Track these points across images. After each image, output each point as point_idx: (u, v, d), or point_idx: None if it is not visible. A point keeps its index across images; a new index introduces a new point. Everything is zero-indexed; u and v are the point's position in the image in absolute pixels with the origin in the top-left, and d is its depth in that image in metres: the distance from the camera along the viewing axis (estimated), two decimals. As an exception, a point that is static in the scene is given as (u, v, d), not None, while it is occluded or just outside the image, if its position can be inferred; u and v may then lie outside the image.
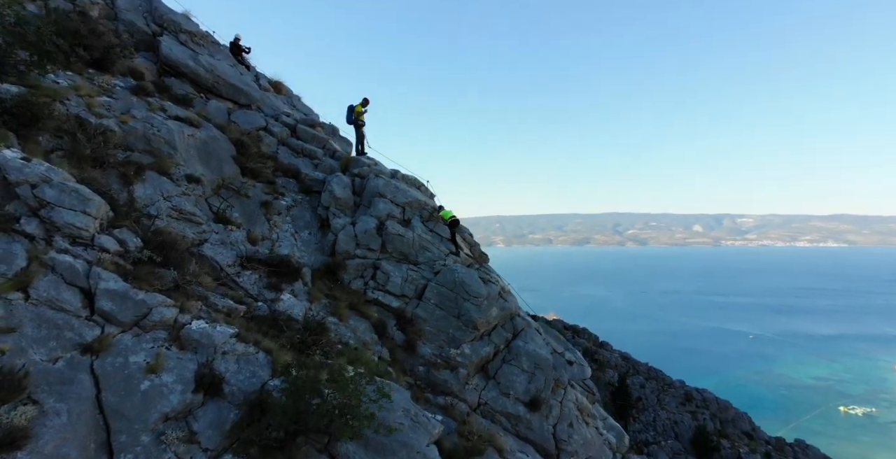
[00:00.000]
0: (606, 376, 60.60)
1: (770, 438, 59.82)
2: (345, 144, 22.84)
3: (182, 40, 16.41)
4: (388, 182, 14.28)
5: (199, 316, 7.74)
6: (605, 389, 60.49)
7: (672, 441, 56.97)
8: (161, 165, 10.31)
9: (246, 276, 10.06)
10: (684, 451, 55.90)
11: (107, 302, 6.94)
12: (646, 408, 58.27)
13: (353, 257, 12.37)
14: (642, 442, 55.56)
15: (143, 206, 9.42)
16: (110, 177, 9.36)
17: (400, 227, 13.10)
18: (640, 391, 60.40)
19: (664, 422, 57.48)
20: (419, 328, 11.74)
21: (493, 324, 12.52)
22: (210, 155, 11.81)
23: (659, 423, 57.38)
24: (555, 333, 16.07)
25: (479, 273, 13.79)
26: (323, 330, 9.50)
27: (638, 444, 55.24)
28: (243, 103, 16.69)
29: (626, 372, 62.07)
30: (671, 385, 62.07)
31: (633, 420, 56.98)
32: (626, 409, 56.36)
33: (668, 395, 60.27)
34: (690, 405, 59.82)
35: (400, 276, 12.30)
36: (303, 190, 13.91)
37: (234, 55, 19.81)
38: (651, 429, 57.28)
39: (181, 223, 9.81)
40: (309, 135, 16.90)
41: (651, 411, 58.19)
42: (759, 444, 58.18)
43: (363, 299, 11.68)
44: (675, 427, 57.48)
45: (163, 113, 11.44)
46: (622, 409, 57.18)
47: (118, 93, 11.21)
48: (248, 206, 11.88)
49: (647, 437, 56.29)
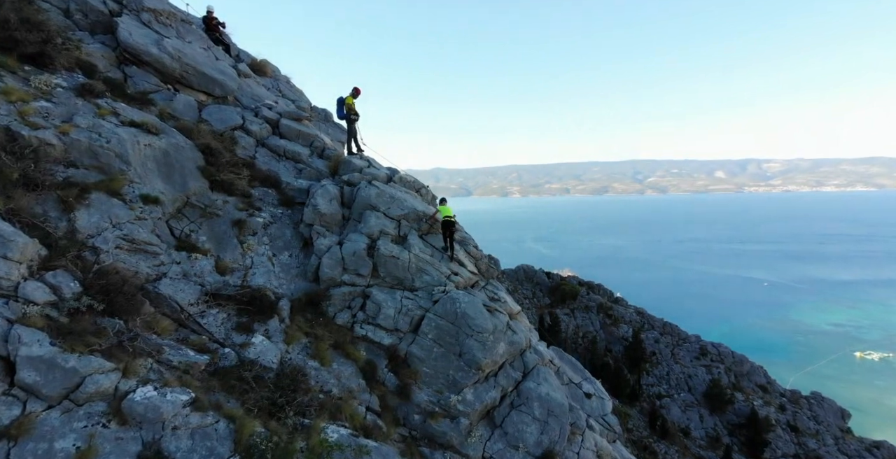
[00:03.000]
0: (620, 331, 60.44)
1: (785, 390, 59.85)
2: (339, 133, 20.56)
3: (145, 20, 14.48)
4: (381, 192, 12.60)
5: (146, 379, 6.57)
6: (618, 344, 60.65)
7: (685, 394, 57.34)
8: (110, 185, 8.86)
9: (212, 316, 8.72)
10: (697, 403, 56.39)
11: (29, 372, 5.82)
12: (659, 362, 58.32)
13: (339, 284, 10.92)
14: (655, 395, 56.09)
15: (87, 238, 8.05)
16: (46, 202, 7.97)
17: (394, 247, 11.53)
18: (654, 345, 60.30)
19: (678, 376, 57.59)
20: (415, 369, 10.30)
21: (499, 363, 11.03)
22: (172, 167, 10.29)
23: (672, 377, 57.54)
24: (571, 360, 14.76)
25: (485, 294, 12.35)
26: (301, 378, 8.24)
27: (650, 397, 55.88)
28: (217, 95, 14.85)
29: (640, 327, 61.70)
30: (686, 340, 61.77)
31: (646, 374, 57.24)
32: (639, 363, 56.39)
33: (682, 349, 60.05)
34: (705, 359, 59.63)
35: (393, 307, 10.79)
36: (283, 202, 12.35)
37: (208, 32, 17.85)
38: (664, 383, 57.57)
39: (134, 255, 8.48)
40: (293, 131, 15.07)
41: (665, 365, 58.26)
42: (773, 397, 58.23)
43: (350, 336, 10.26)
44: (688, 380, 57.63)
45: (114, 118, 9.94)
46: (635, 363, 57.31)
47: (60, 95, 9.71)
48: (217, 227, 10.42)
49: (659, 390, 56.73)
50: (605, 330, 60.22)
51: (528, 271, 67.16)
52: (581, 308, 61.97)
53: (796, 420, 53.76)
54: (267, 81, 20.24)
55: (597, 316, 61.00)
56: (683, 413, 53.71)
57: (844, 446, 51.59)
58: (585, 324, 59.61)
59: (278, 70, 22.54)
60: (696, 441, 51.57)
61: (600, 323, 60.46)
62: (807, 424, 53.34)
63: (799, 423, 53.42)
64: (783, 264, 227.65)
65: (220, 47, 17.87)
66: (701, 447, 51.14)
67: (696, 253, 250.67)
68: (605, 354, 58.19)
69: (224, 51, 18.17)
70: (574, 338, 57.45)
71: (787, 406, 56.31)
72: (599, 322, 60.61)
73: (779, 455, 49.83)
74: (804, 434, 52.30)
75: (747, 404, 54.59)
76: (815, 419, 54.77)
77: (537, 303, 62.00)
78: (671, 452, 48.98)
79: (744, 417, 52.61)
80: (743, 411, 53.59)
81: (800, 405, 56.47)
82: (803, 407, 56.42)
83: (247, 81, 17.29)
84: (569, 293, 61.95)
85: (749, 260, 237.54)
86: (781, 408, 55.90)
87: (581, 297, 62.35)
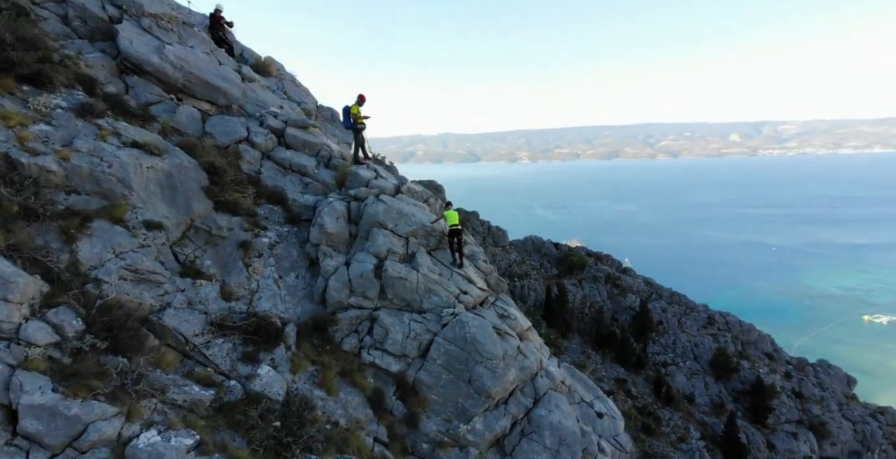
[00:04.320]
0: (628, 301, 60.71)
1: (791, 358, 60.32)
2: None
3: (145, 26, 14.02)
4: (388, 208, 12.27)
5: (151, 422, 6.53)
6: (626, 313, 61.00)
7: (690, 362, 58.01)
8: (112, 212, 8.68)
9: (217, 346, 8.60)
10: (702, 371, 57.08)
11: (31, 421, 5.77)
12: (666, 331, 58.74)
13: (346, 307, 10.73)
14: (660, 363, 56.81)
15: (90, 269, 7.91)
16: (48, 233, 7.81)
17: (402, 268, 11.28)
18: (661, 315, 60.68)
19: (684, 344, 58.11)
20: (423, 397, 10.13)
21: (510, 390, 10.83)
22: (175, 189, 10.06)
23: (679, 345, 58.08)
24: (583, 379, 14.37)
25: (494, 312, 12.03)
26: (307, 411, 8.15)
27: (656, 365, 56.60)
28: (221, 104, 14.50)
29: (648, 297, 61.87)
30: (694, 309, 61.99)
31: (652, 343, 57.82)
32: (646, 332, 56.86)
33: (689, 319, 60.38)
34: (712, 328, 59.98)
35: (401, 331, 10.59)
36: (289, 220, 12.09)
37: (213, 31, 17.44)
38: (670, 351, 58.17)
39: (138, 286, 8.34)
40: (299, 141, 14.70)
41: (671, 334, 58.76)
42: (780, 364, 58.72)
43: (357, 363, 10.11)
44: (694, 348, 58.17)
45: (116, 139, 9.71)
46: (641, 332, 57.82)
47: (59, 117, 9.45)
48: (222, 250, 10.24)
49: (665, 358, 57.44)
50: (613, 300, 60.46)
51: (536, 242, 67.04)
52: (589, 278, 62.06)
53: (801, 386, 54.31)
54: (272, 82, 19.72)
55: (604, 286, 61.11)
56: (689, 380, 54.49)
57: (848, 412, 52.27)
58: (593, 294, 59.83)
59: (283, 67, 21.99)
60: (700, 407, 52.55)
61: (608, 294, 60.64)
62: (812, 391, 53.90)
63: (804, 390, 53.98)
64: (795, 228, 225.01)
65: (223, 48, 17.43)
66: (705, 413, 52.15)
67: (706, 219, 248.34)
68: (611, 324, 58.66)
69: (227, 51, 17.74)
70: (581, 309, 57.84)
71: (793, 374, 56.81)
72: (607, 292, 60.78)
73: (782, 421, 50.68)
74: (809, 400, 52.95)
75: (753, 371, 55.13)
76: (820, 386, 55.30)
77: (545, 274, 62.16)
78: (675, 418, 50.04)
79: (749, 384, 53.25)
80: (748, 378, 54.20)
81: (805, 372, 56.93)
82: (809, 375, 56.89)
83: (251, 86, 16.86)
84: (576, 264, 61.92)
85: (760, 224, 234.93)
86: (787, 376, 56.44)
87: (589, 268, 62.33)
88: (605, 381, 50.58)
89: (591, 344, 55.31)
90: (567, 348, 52.04)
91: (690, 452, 46.18)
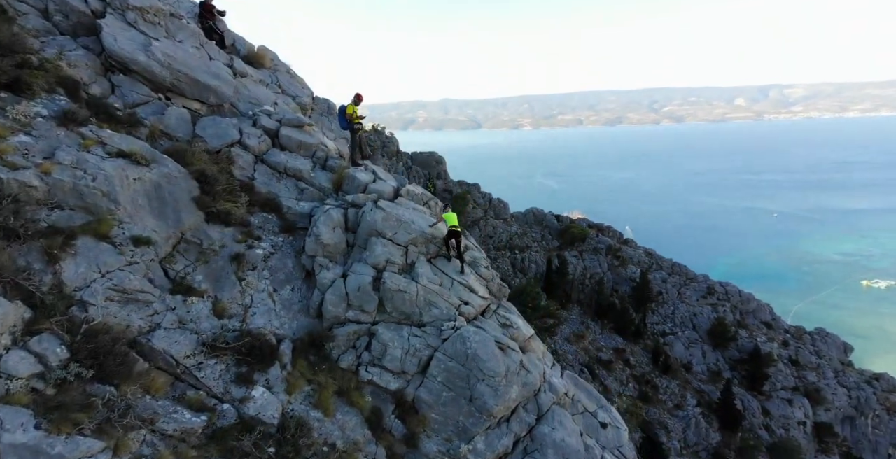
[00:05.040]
0: (628, 272, 60.78)
1: (789, 327, 60.93)
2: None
3: (130, 20, 13.30)
4: (387, 215, 11.82)
5: (140, 455, 6.29)
6: (626, 284, 61.13)
7: (689, 332, 58.62)
8: (98, 228, 8.26)
9: (209, 367, 8.30)
10: (700, 340, 57.71)
11: None
12: (665, 302, 59.06)
13: (343, 322, 10.41)
14: (659, 333, 57.40)
15: (75, 290, 7.55)
16: (30, 253, 7.42)
17: (401, 280, 10.88)
18: (661, 285, 60.91)
19: (683, 314, 58.61)
20: (423, 415, 9.85)
21: (512, 408, 10.53)
22: (164, 201, 9.61)
23: (678, 315, 58.59)
24: (587, 387, 14.03)
25: (496, 321, 11.72)
26: (303, 434, 7.89)
27: (654, 335, 57.19)
28: (212, 103, 13.91)
29: (648, 268, 61.84)
30: (693, 280, 62.18)
31: (651, 313, 58.29)
32: (645, 302, 57.19)
33: (689, 289, 60.63)
34: (712, 298, 60.34)
35: (400, 347, 10.26)
36: (284, 228, 11.65)
37: (203, 20, 16.70)
38: (669, 321, 58.76)
39: (126, 307, 8.00)
40: (294, 142, 14.12)
41: (671, 304, 59.16)
42: (777, 333, 59.27)
43: (355, 381, 9.81)
44: (693, 318, 58.69)
45: (100, 149, 9.24)
46: (641, 303, 58.16)
47: (40, 126, 8.97)
48: (214, 264, 9.83)
49: (664, 328, 58.01)
50: (613, 271, 60.49)
51: (537, 214, 66.61)
52: (589, 250, 61.90)
53: (798, 354, 55.03)
54: (265, 74, 18.83)
55: (605, 257, 61.02)
56: (687, 349, 55.22)
57: (844, 379, 53.14)
58: (593, 266, 59.82)
59: (276, 57, 21.02)
60: (697, 375, 53.47)
61: (608, 265, 60.62)
62: (808, 358, 54.64)
63: (801, 358, 54.71)
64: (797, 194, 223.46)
65: (213, 40, 16.66)
66: (702, 381, 53.11)
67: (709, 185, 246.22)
68: (611, 295, 58.95)
69: (218, 42, 17.00)
70: (581, 280, 57.98)
71: (791, 342, 57.47)
72: (607, 263, 60.73)
73: (778, 387, 51.60)
74: (805, 367, 53.75)
75: (751, 340, 55.75)
76: (817, 353, 56.02)
77: (546, 246, 62.04)
78: (672, 386, 51.01)
79: (746, 353, 53.92)
80: (746, 347, 54.86)
81: (803, 340, 57.57)
82: (806, 343, 57.54)
83: (243, 82, 16.13)
84: (578, 236, 61.69)
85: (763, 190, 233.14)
86: (784, 344, 57.11)
87: (590, 240, 62.08)
88: (603, 351, 51.30)
89: (591, 315, 55.78)
90: (567, 319, 52.49)
91: (686, 418, 47.31)
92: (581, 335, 52.71)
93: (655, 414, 46.14)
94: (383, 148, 62.55)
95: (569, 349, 48.42)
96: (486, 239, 58.12)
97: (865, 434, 49.90)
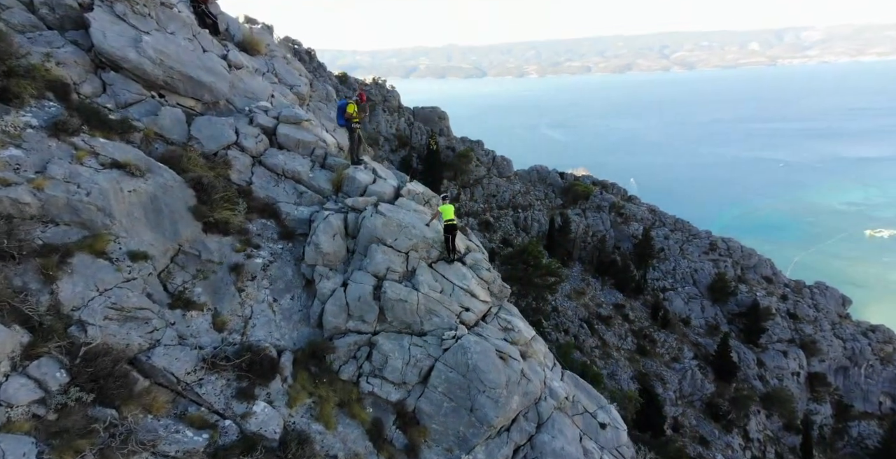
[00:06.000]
0: (631, 229, 59.54)
1: (789, 281, 60.26)
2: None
3: (119, 12, 12.52)
4: (387, 220, 11.53)
5: None
6: (628, 241, 59.93)
7: (689, 287, 58.02)
8: (94, 244, 8.14)
9: (210, 383, 8.21)
10: (700, 295, 57.20)
11: None
12: (667, 258, 57.99)
13: (344, 332, 10.29)
14: (659, 289, 56.76)
15: (73, 310, 7.47)
16: (26, 273, 7.32)
17: (401, 289, 10.71)
18: (663, 242, 59.88)
19: (684, 270, 57.86)
20: (424, 426, 9.80)
21: (512, 417, 10.47)
22: (160, 213, 9.36)
23: (679, 271, 57.85)
24: (587, 388, 13.86)
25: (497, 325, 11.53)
26: (305, 449, 7.84)
27: (654, 290, 56.55)
28: (207, 101, 13.39)
29: (651, 225, 60.32)
30: (696, 236, 61.00)
31: (652, 269, 57.43)
32: (646, 259, 56.16)
33: (691, 245, 59.56)
34: (713, 253, 59.27)
35: (401, 358, 10.15)
36: (283, 235, 11.35)
37: (196, 4, 15.92)
38: (670, 277, 58.08)
39: (125, 325, 7.88)
40: (292, 141, 13.63)
41: (672, 260, 58.16)
42: (777, 287, 58.47)
43: (356, 392, 9.75)
44: (694, 274, 58.01)
45: (93, 159, 8.99)
46: (642, 259, 57.15)
47: (31, 138, 8.64)
48: (213, 275, 9.67)
49: (664, 284, 57.36)
50: (616, 229, 59.21)
51: (541, 172, 64.64)
52: (593, 207, 60.39)
53: (796, 308, 54.62)
54: (260, 62, 17.94)
55: (608, 215, 59.43)
56: (686, 304, 54.90)
57: (840, 331, 52.88)
58: (596, 223, 58.51)
59: (272, 42, 20.30)
60: (695, 329, 53.39)
61: (611, 222, 59.28)
62: (806, 312, 54.21)
63: (798, 311, 54.31)
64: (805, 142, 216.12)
65: (206, 28, 15.76)
66: (699, 334, 53.09)
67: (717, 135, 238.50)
68: (613, 252, 57.87)
69: (211, 28, 16.17)
70: (583, 238, 56.76)
71: (790, 296, 56.93)
72: (611, 221, 59.31)
73: (774, 340, 51.43)
74: (802, 320, 53.46)
75: (750, 295, 55.11)
76: (815, 307, 55.58)
77: (549, 204, 60.52)
78: (670, 340, 51.06)
79: (745, 307, 53.36)
80: (745, 301, 54.44)
81: (802, 294, 56.98)
82: (805, 296, 56.96)
83: (239, 74, 15.39)
84: (581, 193, 60.02)
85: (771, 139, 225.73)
86: (783, 298, 56.57)
87: (594, 197, 60.18)
88: (603, 306, 50.98)
89: (592, 272, 55.03)
90: (568, 276, 51.72)
91: (682, 370, 47.58)
92: (581, 291, 52.24)
93: (652, 367, 46.41)
94: (384, 102, 59.55)
95: (569, 305, 48.11)
96: (489, 198, 56.57)
97: (858, 383, 50.32)
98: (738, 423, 43.49)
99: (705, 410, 44.53)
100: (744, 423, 43.61)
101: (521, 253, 42.96)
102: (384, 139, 57.36)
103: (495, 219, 55.27)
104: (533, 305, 45.14)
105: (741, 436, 43.23)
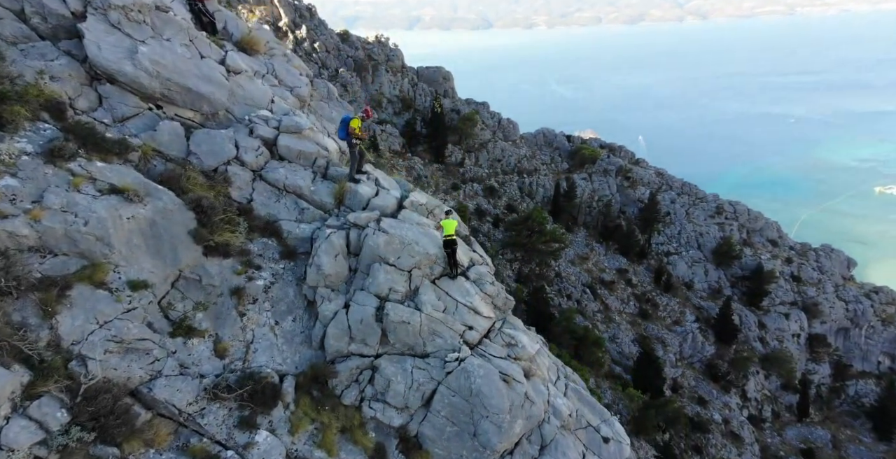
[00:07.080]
0: (637, 193, 57.97)
1: (794, 244, 58.87)
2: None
3: (113, 21, 11.87)
4: (390, 238, 11.22)
5: None
6: (634, 206, 58.46)
7: (693, 251, 57.01)
8: (93, 275, 7.94)
9: (212, 413, 8.07)
10: (704, 259, 56.25)
11: None
12: (673, 222, 56.63)
13: (346, 356, 10.11)
14: (663, 253, 55.79)
15: (73, 344, 7.32)
16: (25, 308, 7.15)
17: (404, 311, 10.43)
18: (670, 206, 58.49)
19: (689, 234, 56.75)
20: (426, 451, 9.63)
21: (516, 441, 10.21)
22: (160, 239, 9.09)
23: (684, 235, 56.79)
24: (591, 401, 13.56)
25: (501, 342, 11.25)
26: None
27: (658, 255, 55.59)
28: (206, 112, 12.90)
29: (658, 189, 58.43)
30: (703, 199, 59.45)
31: (657, 234, 56.25)
32: (652, 223, 54.87)
33: (698, 209, 58.14)
34: (720, 217, 57.80)
35: (403, 382, 9.93)
36: (285, 254, 11.04)
37: (192, 3, 15.13)
38: (674, 241, 57.15)
39: (126, 357, 7.71)
40: (293, 152, 13.20)
41: (678, 224, 56.89)
42: (782, 250, 57.24)
43: (358, 418, 9.55)
44: (699, 238, 56.95)
45: (91, 186, 8.71)
46: (647, 223, 55.87)
47: (26, 166, 8.34)
48: (214, 300, 9.45)
49: (668, 248, 56.40)
50: (622, 193, 57.61)
51: (547, 135, 62.33)
52: (599, 172, 58.59)
53: (800, 271, 53.73)
54: (260, 63, 17.14)
55: (615, 179, 57.54)
56: (689, 268, 54.15)
57: (843, 293, 52.14)
58: (602, 188, 56.98)
59: (272, 40, 19.01)
60: (698, 292, 52.90)
61: (617, 187, 57.59)
62: (810, 274, 53.34)
63: (802, 274, 53.44)
64: (819, 97, 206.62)
65: (204, 30, 15.11)
66: (702, 298, 52.62)
67: (728, 89, 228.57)
68: (618, 216, 56.49)
69: (209, 29, 15.56)
70: (589, 203, 55.28)
71: (794, 259, 55.92)
72: (617, 185, 57.49)
73: (777, 303, 50.80)
74: (806, 283, 52.72)
75: (754, 258, 54.06)
76: (819, 269, 54.65)
77: (555, 169, 58.67)
78: (672, 303, 50.69)
79: (749, 270, 52.43)
80: (749, 265, 53.45)
81: (807, 257, 55.91)
82: (810, 259, 55.90)
83: (238, 79, 14.69)
84: (588, 157, 58.04)
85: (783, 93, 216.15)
86: (788, 261, 55.58)
87: (601, 161, 57.98)
88: (606, 271, 50.32)
89: (596, 237, 53.98)
90: (572, 241, 50.76)
91: (684, 333, 47.45)
92: (585, 257, 51.51)
93: (654, 330, 46.36)
94: (387, 62, 56.58)
95: (572, 271, 47.57)
96: (494, 163, 54.87)
97: (857, 343, 50.22)
98: (737, 383, 43.93)
99: (705, 371, 44.92)
100: (742, 383, 44.04)
101: (525, 219, 41.95)
102: (388, 101, 55.01)
103: (500, 185, 53.80)
104: (536, 271, 44.58)
105: (739, 396, 43.79)
